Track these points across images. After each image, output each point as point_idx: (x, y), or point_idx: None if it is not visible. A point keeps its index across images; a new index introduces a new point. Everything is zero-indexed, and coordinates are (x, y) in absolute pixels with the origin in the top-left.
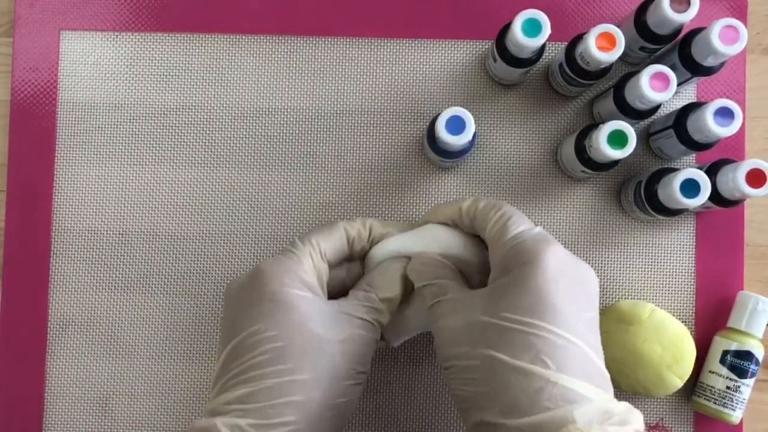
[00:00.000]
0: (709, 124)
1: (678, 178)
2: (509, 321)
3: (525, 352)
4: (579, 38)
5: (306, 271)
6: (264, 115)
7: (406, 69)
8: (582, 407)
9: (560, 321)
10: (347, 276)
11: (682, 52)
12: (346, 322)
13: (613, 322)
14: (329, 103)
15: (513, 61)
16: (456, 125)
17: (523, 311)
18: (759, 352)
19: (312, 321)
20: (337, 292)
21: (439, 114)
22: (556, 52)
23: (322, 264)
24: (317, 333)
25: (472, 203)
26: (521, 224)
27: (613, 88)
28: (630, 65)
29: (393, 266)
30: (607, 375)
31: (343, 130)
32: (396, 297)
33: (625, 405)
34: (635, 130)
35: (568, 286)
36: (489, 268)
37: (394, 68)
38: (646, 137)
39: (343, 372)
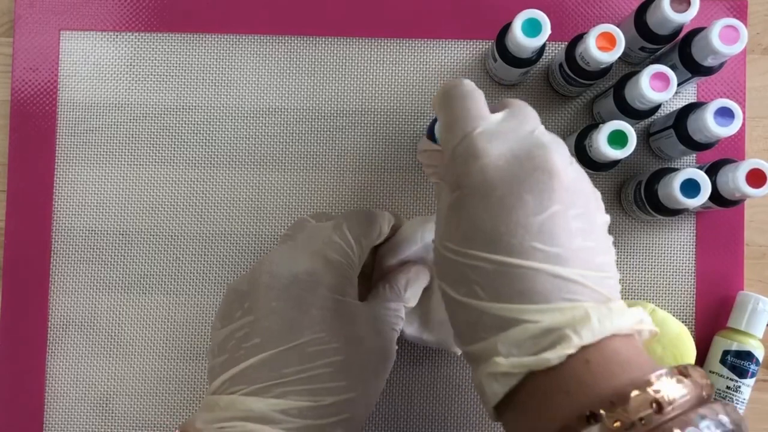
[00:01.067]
0: (709, 124)
1: (678, 178)
2: (450, 252)
3: (461, 285)
4: (579, 38)
5: (356, 277)
6: (264, 115)
7: (406, 69)
8: (506, 334)
9: (494, 246)
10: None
11: (683, 52)
12: (385, 335)
13: None
14: (329, 103)
15: (513, 61)
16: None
17: (458, 241)
18: (759, 352)
19: (366, 335)
20: None
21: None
22: (556, 52)
23: (359, 262)
24: (368, 348)
25: (438, 96)
26: (475, 118)
27: (613, 88)
28: (630, 65)
29: (422, 276)
30: (588, 275)
31: (343, 130)
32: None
33: (596, 308)
34: (635, 130)
35: (507, 194)
36: None
37: (394, 68)
38: (646, 137)
39: (380, 388)
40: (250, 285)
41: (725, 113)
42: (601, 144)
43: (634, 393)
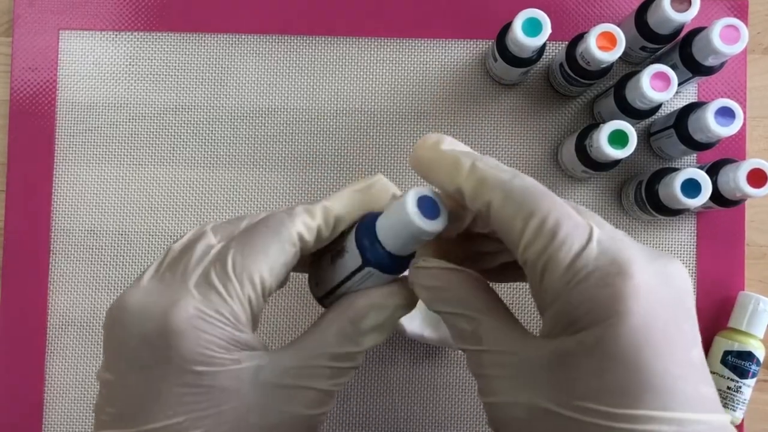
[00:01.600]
0: (710, 124)
1: (679, 178)
2: (592, 415)
3: None
4: (579, 38)
5: (243, 326)
6: (264, 115)
7: (406, 69)
8: None
9: (668, 398)
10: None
11: (683, 51)
12: (299, 401)
13: None
14: (329, 103)
15: (513, 60)
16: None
17: (610, 397)
18: (760, 353)
19: (251, 411)
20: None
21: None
22: (556, 51)
23: (262, 304)
24: (255, 425)
25: (476, 190)
26: (575, 239)
27: (613, 87)
28: (630, 65)
29: (384, 300)
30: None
31: (343, 130)
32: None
33: None
34: (636, 130)
35: (666, 327)
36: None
37: (394, 68)
38: (646, 137)
39: None
40: (109, 330)
41: (726, 113)
42: (602, 144)
43: None
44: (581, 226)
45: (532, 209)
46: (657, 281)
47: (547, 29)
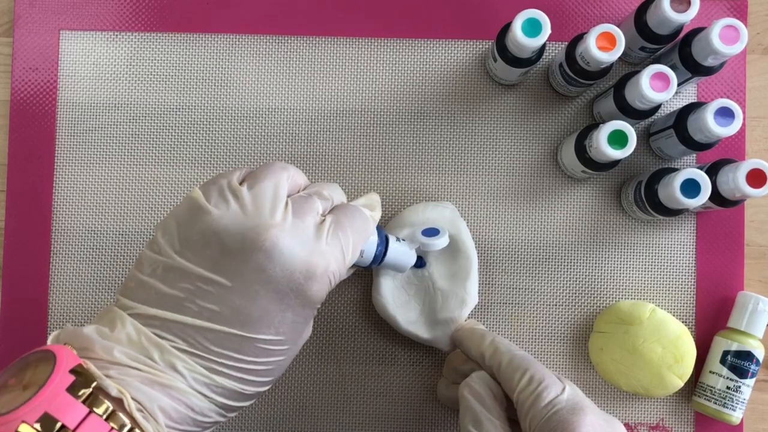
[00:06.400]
0: (710, 124)
1: (678, 178)
2: None
3: None
4: (579, 38)
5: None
6: (264, 115)
7: (406, 69)
8: None
9: None
10: None
11: (683, 52)
12: (309, 325)
13: (613, 323)
14: (329, 103)
15: (513, 61)
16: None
17: None
18: (759, 352)
19: (308, 333)
20: None
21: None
22: (556, 52)
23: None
24: (298, 348)
25: (493, 354)
26: (551, 389)
27: (613, 88)
28: (630, 65)
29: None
30: None
31: (343, 130)
32: None
33: None
34: (635, 130)
35: None
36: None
37: (394, 68)
38: (646, 137)
39: None
40: (241, 247)
41: (725, 113)
42: (602, 144)
43: None
44: (557, 383)
45: (526, 368)
46: (601, 422)
47: (547, 29)
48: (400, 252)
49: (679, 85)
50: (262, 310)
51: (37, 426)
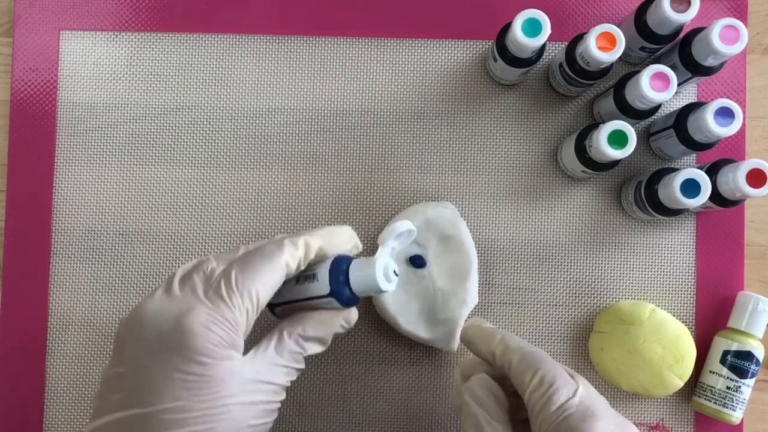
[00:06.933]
0: (710, 124)
1: (678, 178)
2: None
3: None
4: (579, 38)
5: (239, 334)
6: (264, 115)
7: (406, 69)
8: None
9: None
10: None
11: (683, 52)
12: (267, 395)
13: (613, 323)
14: (329, 103)
15: (513, 61)
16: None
17: None
18: (759, 352)
19: (238, 402)
20: None
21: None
22: (556, 52)
23: (254, 316)
24: (238, 416)
25: (503, 352)
26: (562, 391)
27: (613, 88)
28: (630, 65)
29: (331, 320)
30: None
31: (343, 130)
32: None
33: None
34: (635, 130)
35: None
36: None
37: (394, 68)
38: (646, 137)
39: None
40: (127, 330)
41: (725, 113)
42: (602, 144)
43: None
44: (570, 384)
45: (537, 367)
46: (613, 427)
47: (547, 29)
48: (361, 271)
49: (679, 85)
50: (149, 381)
51: None
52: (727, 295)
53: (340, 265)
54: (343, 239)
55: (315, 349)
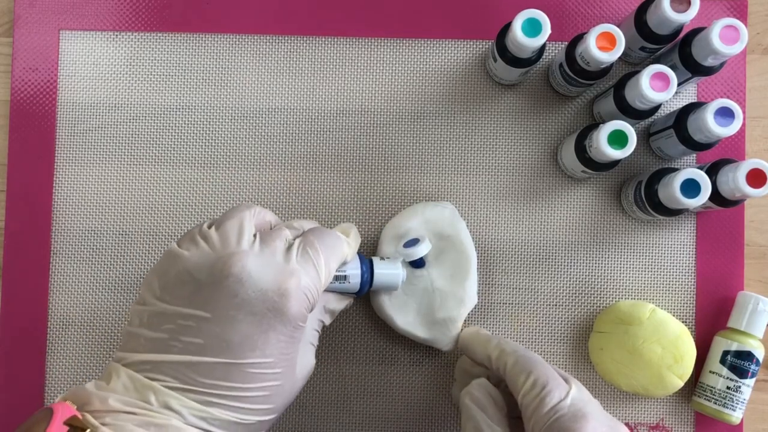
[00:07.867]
0: (710, 124)
1: (678, 178)
2: None
3: None
4: (579, 38)
5: (317, 301)
6: (264, 115)
7: (406, 69)
8: None
9: None
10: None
11: (683, 52)
12: (310, 354)
13: (613, 323)
14: (329, 103)
15: (513, 61)
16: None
17: None
18: (759, 353)
19: (301, 359)
20: None
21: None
22: (556, 52)
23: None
24: (300, 372)
25: (499, 356)
26: (554, 393)
27: (613, 88)
28: (630, 65)
29: (342, 300)
30: None
31: (343, 130)
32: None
33: None
34: (635, 130)
35: None
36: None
37: (394, 68)
38: (646, 137)
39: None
40: (212, 278)
41: (725, 113)
42: (602, 144)
43: None
44: (562, 386)
45: (530, 370)
46: (604, 429)
47: (547, 29)
48: (387, 272)
49: (679, 85)
50: (242, 335)
51: None
52: (727, 295)
53: (367, 268)
54: (358, 240)
55: (326, 320)
